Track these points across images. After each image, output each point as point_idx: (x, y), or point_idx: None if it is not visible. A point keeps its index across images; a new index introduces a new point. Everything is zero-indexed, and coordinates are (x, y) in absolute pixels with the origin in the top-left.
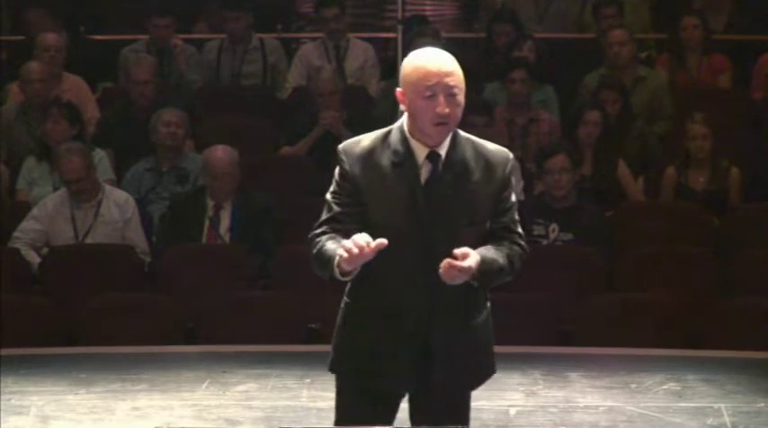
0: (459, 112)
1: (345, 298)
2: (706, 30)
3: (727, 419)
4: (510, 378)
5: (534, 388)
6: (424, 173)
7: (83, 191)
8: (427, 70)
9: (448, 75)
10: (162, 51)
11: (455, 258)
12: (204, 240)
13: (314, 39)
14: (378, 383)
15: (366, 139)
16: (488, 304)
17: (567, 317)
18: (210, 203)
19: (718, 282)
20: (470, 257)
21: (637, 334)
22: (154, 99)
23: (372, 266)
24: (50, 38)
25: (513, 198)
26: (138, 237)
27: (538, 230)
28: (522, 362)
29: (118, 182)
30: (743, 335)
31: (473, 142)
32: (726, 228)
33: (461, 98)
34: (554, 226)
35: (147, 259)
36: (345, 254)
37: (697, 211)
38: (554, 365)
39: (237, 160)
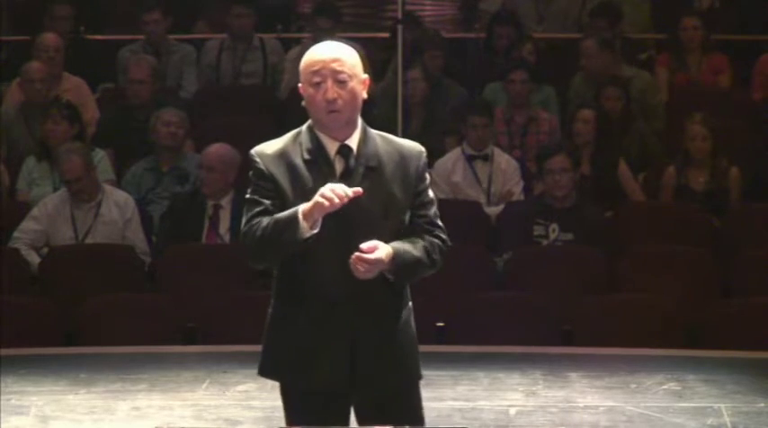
0: (351, 100)
1: (272, 300)
2: (706, 30)
3: (727, 419)
4: (510, 378)
5: (534, 388)
6: (339, 168)
7: (83, 191)
8: (313, 58)
9: (334, 60)
10: (158, 50)
11: (363, 252)
12: (204, 240)
13: (313, 39)
14: (311, 382)
15: (278, 142)
16: (410, 303)
17: (567, 317)
18: (210, 203)
19: (718, 282)
20: (379, 249)
21: (637, 334)
22: (151, 99)
23: (296, 263)
24: (50, 38)
25: (431, 193)
26: (138, 237)
27: (538, 230)
28: (522, 362)
29: (118, 182)
30: (743, 335)
31: (384, 137)
32: (726, 228)
33: (353, 85)
34: (554, 226)
35: (147, 259)
36: (325, 202)
37: (697, 211)
38: (554, 365)
39: (235, 159)
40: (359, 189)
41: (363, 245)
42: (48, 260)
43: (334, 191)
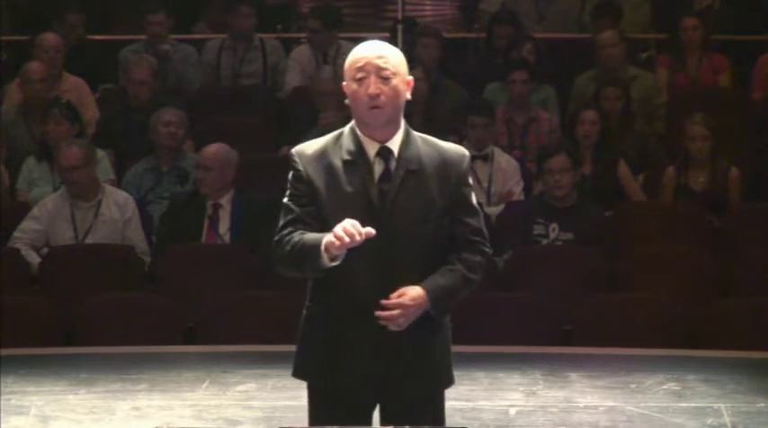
0: (394, 97)
1: (307, 302)
2: (706, 30)
3: (727, 419)
4: (510, 378)
5: (534, 388)
6: (378, 170)
7: (77, 184)
8: (358, 55)
9: (379, 57)
10: (159, 51)
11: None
12: (204, 240)
13: (308, 40)
14: (341, 383)
15: (319, 141)
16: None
17: (567, 317)
18: (209, 203)
19: (718, 282)
20: (405, 294)
21: (637, 334)
22: (152, 99)
23: (332, 266)
24: (50, 38)
25: (474, 200)
26: (138, 237)
27: (538, 230)
28: (522, 362)
29: (118, 182)
30: (743, 335)
31: (427, 140)
32: (726, 228)
33: (397, 83)
34: (554, 226)
35: (147, 259)
36: (336, 242)
37: (697, 211)
38: (554, 365)
39: (232, 158)
40: (371, 229)
41: (393, 295)
42: (48, 260)
43: (346, 231)
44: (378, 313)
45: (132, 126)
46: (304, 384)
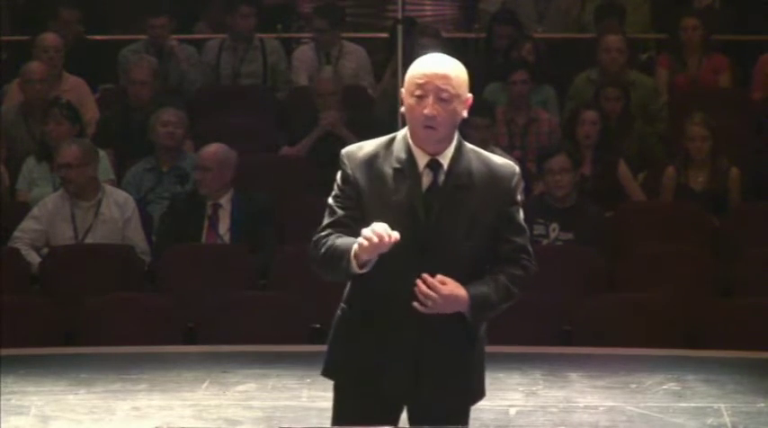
0: (450, 118)
1: (342, 304)
2: (706, 30)
3: (727, 419)
4: (510, 378)
5: (534, 388)
6: (426, 182)
7: (75, 182)
8: (420, 70)
9: (441, 77)
10: (161, 51)
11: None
12: (204, 240)
13: (313, 39)
14: (371, 387)
15: (370, 145)
16: (484, 326)
17: (567, 317)
18: (209, 203)
19: (718, 282)
20: (447, 285)
21: (637, 334)
22: (152, 99)
23: (371, 275)
24: (50, 38)
25: (522, 218)
26: (138, 237)
27: (538, 230)
28: (522, 362)
29: (118, 182)
30: (743, 335)
31: (479, 154)
32: (726, 228)
33: (456, 105)
34: (554, 226)
35: (147, 259)
36: (365, 243)
37: (697, 211)
38: (554, 365)
39: (231, 158)
40: (397, 235)
41: (439, 277)
42: (48, 260)
43: (375, 231)
44: (421, 287)
45: (132, 126)
46: (304, 385)
